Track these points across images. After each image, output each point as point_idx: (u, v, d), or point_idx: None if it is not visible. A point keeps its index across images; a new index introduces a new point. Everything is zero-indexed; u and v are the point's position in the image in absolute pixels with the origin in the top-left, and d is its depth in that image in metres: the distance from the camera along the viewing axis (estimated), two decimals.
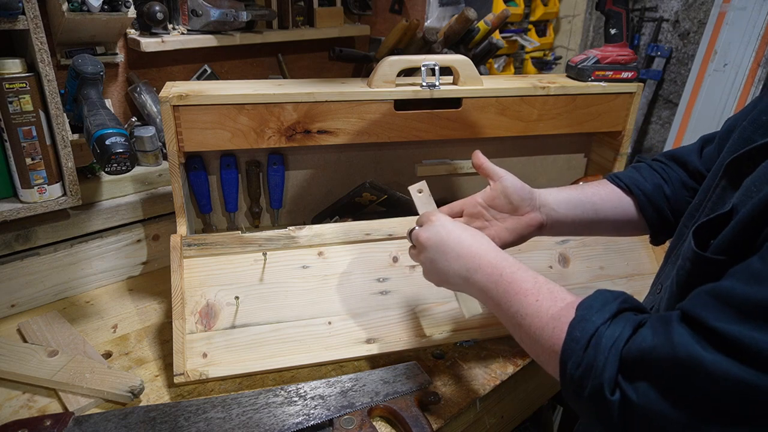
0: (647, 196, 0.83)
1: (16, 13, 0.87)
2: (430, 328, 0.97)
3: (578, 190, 0.86)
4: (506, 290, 0.65)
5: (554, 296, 0.61)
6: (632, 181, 0.85)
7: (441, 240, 0.73)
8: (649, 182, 0.84)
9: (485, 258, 0.69)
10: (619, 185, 0.86)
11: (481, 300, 0.71)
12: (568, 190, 0.86)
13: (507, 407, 1.00)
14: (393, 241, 1.05)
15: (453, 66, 1.10)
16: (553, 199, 0.84)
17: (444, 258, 0.72)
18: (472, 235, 0.72)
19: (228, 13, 1.23)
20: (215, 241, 0.98)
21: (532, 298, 0.62)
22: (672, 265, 0.71)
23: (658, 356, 0.49)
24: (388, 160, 1.24)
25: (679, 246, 0.71)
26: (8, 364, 0.88)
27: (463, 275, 0.70)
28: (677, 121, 2.19)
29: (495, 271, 0.67)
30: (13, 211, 0.97)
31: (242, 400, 0.82)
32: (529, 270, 0.66)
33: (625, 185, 0.85)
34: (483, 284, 0.68)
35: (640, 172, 0.86)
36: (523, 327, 0.62)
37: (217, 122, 0.99)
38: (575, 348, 0.54)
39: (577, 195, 0.85)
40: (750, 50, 1.95)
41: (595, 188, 0.86)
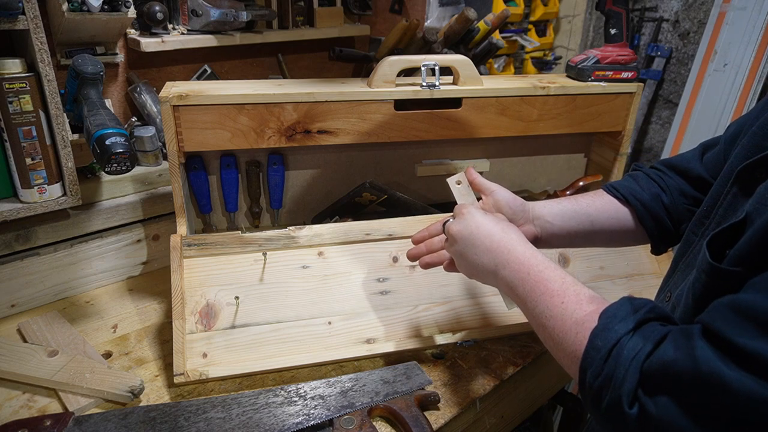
0: (645, 205, 0.82)
1: (16, 13, 0.87)
2: (430, 328, 0.97)
3: (573, 201, 0.86)
4: (533, 288, 0.64)
5: (580, 299, 0.60)
6: (629, 191, 0.84)
7: (471, 233, 0.73)
8: (646, 191, 0.83)
9: (514, 253, 0.69)
10: (615, 195, 0.85)
11: (508, 295, 0.71)
12: (562, 202, 0.85)
13: (507, 407, 1.00)
14: (393, 241, 1.05)
15: (453, 66, 1.10)
16: (547, 211, 0.84)
17: (474, 251, 0.72)
18: (502, 228, 0.72)
19: (228, 13, 1.23)
20: (215, 241, 0.98)
21: (558, 299, 0.61)
22: (681, 273, 0.70)
23: (679, 371, 0.48)
24: (388, 160, 1.24)
25: (688, 254, 0.70)
26: (8, 364, 0.88)
27: (492, 269, 0.70)
28: (677, 121, 2.19)
29: (523, 267, 0.67)
30: (13, 211, 0.97)
31: (242, 400, 0.82)
32: (557, 269, 0.65)
33: (621, 195, 0.84)
34: (510, 280, 0.68)
35: (637, 182, 0.85)
36: (547, 328, 0.61)
37: (217, 122, 0.99)
38: (595, 357, 0.53)
39: (572, 206, 0.84)
40: (750, 50, 1.95)
41: (590, 199, 0.86)
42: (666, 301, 0.70)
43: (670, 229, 0.83)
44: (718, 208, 0.64)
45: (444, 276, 1.02)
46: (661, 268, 1.13)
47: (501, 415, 0.99)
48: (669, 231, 0.83)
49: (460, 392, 0.88)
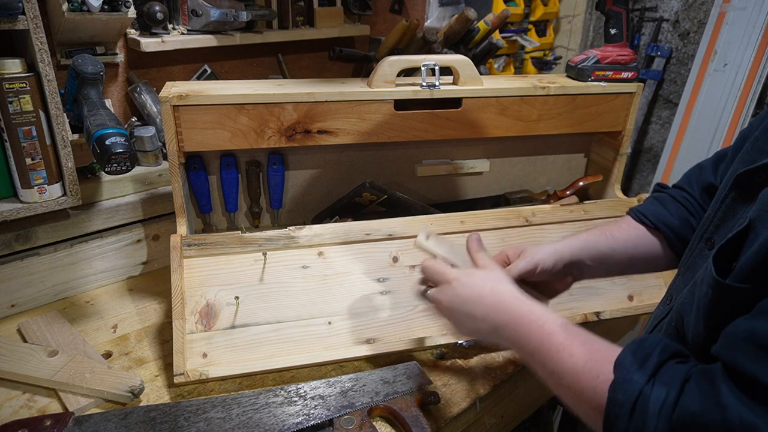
0: (675, 232, 0.80)
1: (16, 13, 0.87)
2: (430, 328, 0.97)
3: (606, 237, 0.82)
4: (538, 347, 0.62)
5: (589, 348, 0.58)
6: (658, 218, 0.82)
7: (463, 301, 0.70)
8: (675, 217, 0.81)
9: (510, 313, 0.66)
10: (644, 223, 0.83)
11: (515, 351, 0.68)
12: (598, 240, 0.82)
13: (507, 407, 1.00)
14: (393, 241, 1.05)
15: (453, 66, 1.10)
16: (585, 255, 0.80)
17: (471, 319, 0.70)
18: (491, 287, 0.69)
19: (228, 13, 1.23)
20: (215, 241, 0.98)
21: (566, 353, 0.58)
22: (681, 276, 0.70)
23: (708, 422, 0.46)
24: (388, 160, 1.24)
25: (688, 257, 0.69)
26: (8, 364, 0.88)
27: (492, 331, 0.68)
28: (677, 121, 2.19)
29: (523, 326, 0.64)
30: (13, 211, 0.97)
31: (242, 400, 0.82)
32: (557, 318, 0.63)
33: (651, 223, 0.82)
34: (513, 340, 0.65)
35: (664, 206, 0.83)
36: (563, 386, 0.59)
37: (217, 122, 0.99)
38: (620, 413, 0.51)
39: (607, 243, 0.81)
40: (750, 50, 1.95)
41: (621, 231, 0.83)
42: (667, 304, 0.70)
43: None
44: (717, 211, 0.64)
45: None
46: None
47: (501, 415, 0.99)
48: None
49: (460, 392, 0.88)
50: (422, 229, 0.86)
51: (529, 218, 1.13)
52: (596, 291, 1.08)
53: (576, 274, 0.81)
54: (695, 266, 0.67)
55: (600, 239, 0.82)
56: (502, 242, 1.08)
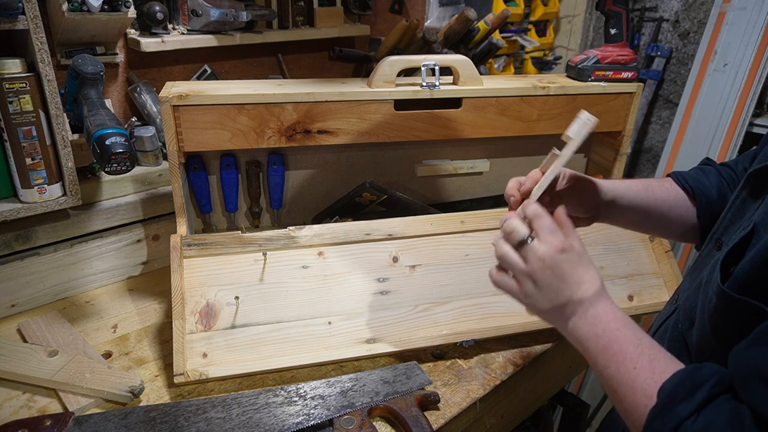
0: (709, 202, 0.79)
1: (16, 13, 0.87)
2: (430, 328, 0.97)
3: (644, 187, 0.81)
4: (605, 347, 0.59)
5: (653, 367, 0.55)
6: (697, 185, 0.80)
7: (561, 275, 0.63)
8: (714, 188, 0.79)
9: (593, 307, 0.62)
10: (684, 187, 0.81)
11: (577, 348, 0.64)
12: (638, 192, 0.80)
13: (507, 407, 1.00)
14: (393, 241, 1.05)
15: (453, 66, 1.10)
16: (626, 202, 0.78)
17: (555, 293, 0.63)
18: (591, 279, 0.63)
19: (228, 13, 1.23)
20: (215, 241, 0.98)
21: (630, 364, 0.56)
22: (689, 277, 0.69)
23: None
24: (388, 160, 1.24)
25: (699, 259, 0.69)
26: (8, 364, 0.88)
27: (567, 316, 0.63)
28: (677, 121, 2.19)
29: (598, 323, 0.61)
30: (13, 211, 0.97)
31: (242, 400, 0.82)
32: (635, 328, 0.59)
33: (690, 187, 0.81)
34: (583, 333, 0.62)
35: (707, 176, 0.82)
36: (618, 394, 0.57)
37: (217, 122, 0.99)
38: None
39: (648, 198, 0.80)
40: (750, 50, 1.95)
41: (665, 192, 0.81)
42: (674, 304, 0.70)
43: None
44: (728, 212, 0.63)
45: (444, 276, 1.03)
46: (661, 268, 1.13)
47: (501, 415, 0.99)
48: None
49: (460, 392, 0.88)
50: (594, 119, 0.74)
51: None
52: None
53: (604, 214, 0.78)
54: (703, 266, 0.66)
55: (641, 192, 0.79)
56: None
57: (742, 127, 2.01)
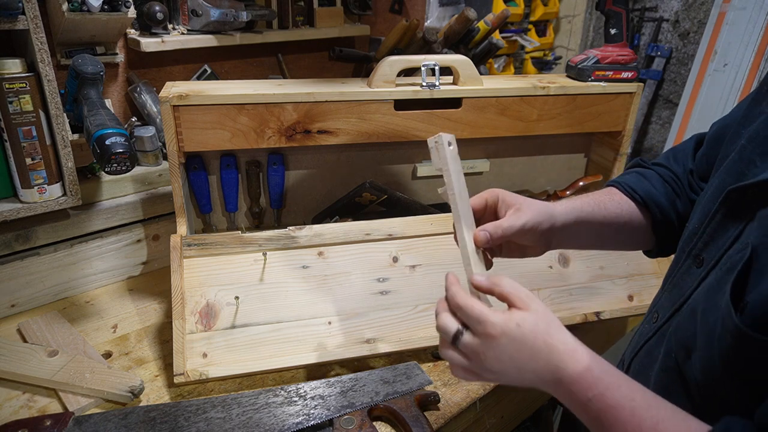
0: (662, 212, 0.76)
1: (16, 13, 0.87)
2: (430, 328, 0.97)
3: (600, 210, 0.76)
4: (599, 418, 0.53)
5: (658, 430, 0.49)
6: (647, 195, 0.77)
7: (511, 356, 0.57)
8: (664, 197, 0.77)
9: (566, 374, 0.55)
10: (634, 198, 0.78)
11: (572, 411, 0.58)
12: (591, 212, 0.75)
13: (507, 407, 1.00)
14: (393, 241, 1.05)
15: (453, 66, 1.10)
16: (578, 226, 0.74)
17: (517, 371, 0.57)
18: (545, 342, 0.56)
19: (228, 13, 1.23)
20: (215, 241, 0.98)
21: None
22: (668, 293, 0.67)
23: None
24: (388, 160, 1.24)
25: (675, 272, 0.66)
26: (8, 364, 0.88)
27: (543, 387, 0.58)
28: (677, 121, 2.19)
29: (580, 391, 0.54)
30: (13, 211, 0.97)
31: (242, 400, 0.82)
32: (621, 385, 0.53)
33: (640, 198, 0.77)
34: (569, 404, 0.56)
35: (651, 183, 0.78)
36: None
37: (217, 122, 0.99)
38: None
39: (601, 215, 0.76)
40: (750, 50, 1.95)
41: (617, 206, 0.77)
42: (653, 323, 0.67)
43: (677, 239, 0.73)
44: (706, 227, 0.61)
45: (444, 276, 1.03)
46: (661, 268, 1.13)
47: (501, 415, 0.99)
48: (676, 240, 0.73)
49: (460, 392, 0.88)
50: (449, 134, 0.67)
51: None
52: (596, 291, 1.08)
53: (556, 242, 0.73)
54: (683, 284, 0.63)
55: (594, 209, 0.75)
56: None
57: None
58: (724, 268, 0.55)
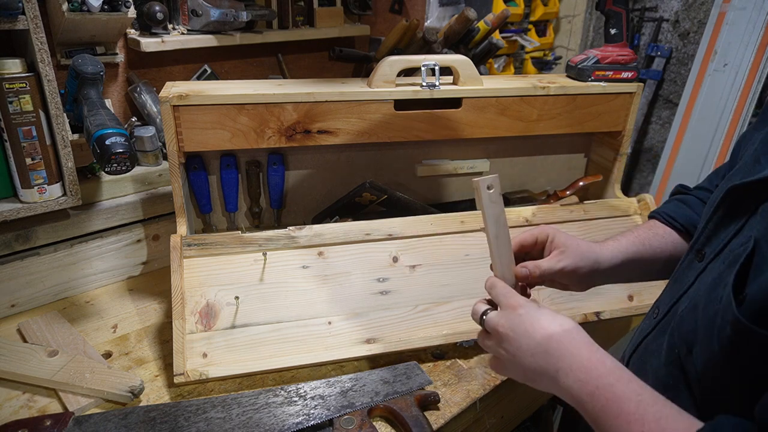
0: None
1: (16, 13, 0.87)
2: (430, 328, 0.97)
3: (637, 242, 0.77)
4: (604, 408, 0.53)
5: (662, 427, 0.50)
6: (687, 221, 0.78)
7: (527, 332, 0.61)
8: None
9: (577, 359, 0.57)
10: (674, 227, 0.79)
11: (575, 406, 0.59)
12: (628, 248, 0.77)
13: (507, 407, 1.00)
14: (393, 241, 1.05)
15: (453, 66, 1.10)
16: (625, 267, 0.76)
17: (530, 354, 0.60)
18: (561, 325, 0.60)
19: (228, 13, 1.23)
20: (215, 241, 0.98)
21: (636, 427, 0.50)
22: (669, 289, 0.67)
23: None
24: (388, 160, 1.24)
25: (680, 270, 0.67)
26: (8, 364, 0.88)
27: (552, 375, 0.59)
28: (677, 121, 2.19)
29: (590, 378, 0.56)
30: (13, 211, 0.97)
31: (242, 400, 0.82)
32: (631, 380, 0.55)
33: (681, 226, 0.78)
34: (576, 393, 0.57)
35: (691, 208, 0.79)
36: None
37: (217, 122, 0.99)
38: None
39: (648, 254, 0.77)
40: (750, 50, 1.95)
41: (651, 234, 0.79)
42: (654, 318, 0.68)
43: None
44: (708, 222, 0.62)
45: (444, 276, 1.03)
46: None
47: (501, 415, 0.99)
48: None
49: (460, 392, 0.88)
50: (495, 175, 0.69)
51: (529, 218, 1.13)
52: (596, 291, 1.07)
53: (600, 280, 0.77)
54: (683, 278, 0.64)
55: (640, 249, 0.77)
56: None
57: (742, 127, 2.01)
58: (726, 261, 0.56)
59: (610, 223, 1.18)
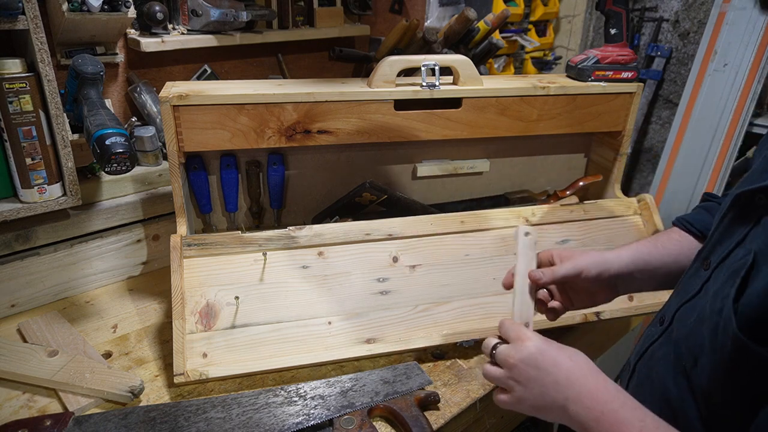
0: None
1: (16, 13, 0.87)
2: (430, 328, 0.97)
3: (653, 248, 0.79)
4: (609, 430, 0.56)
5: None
6: (704, 226, 0.79)
7: (536, 363, 0.63)
8: None
9: (585, 386, 0.60)
10: (691, 232, 0.80)
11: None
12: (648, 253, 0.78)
13: None
14: (393, 241, 1.05)
15: (453, 66, 1.10)
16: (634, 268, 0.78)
17: (540, 384, 0.62)
18: (569, 356, 0.63)
19: (228, 13, 1.23)
20: (215, 241, 0.98)
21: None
22: (675, 297, 0.67)
23: None
24: (388, 160, 1.24)
25: (686, 278, 0.67)
26: (8, 364, 0.88)
27: (561, 404, 0.61)
28: (677, 121, 2.19)
29: (596, 404, 0.58)
30: (13, 211, 0.97)
31: (242, 400, 0.82)
32: (636, 407, 0.57)
33: (697, 231, 0.79)
34: (583, 419, 0.59)
35: (711, 214, 0.80)
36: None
37: (217, 122, 0.99)
38: None
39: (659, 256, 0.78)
40: (750, 50, 1.95)
41: (671, 242, 0.80)
42: (659, 325, 0.68)
43: None
44: (715, 231, 0.62)
45: (444, 276, 1.03)
46: None
47: (501, 415, 0.99)
48: None
49: (460, 392, 0.88)
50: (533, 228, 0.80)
51: (529, 218, 1.13)
52: None
53: (622, 287, 0.78)
54: (689, 286, 0.64)
55: (652, 251, 0.78)
56: (502, 242, 1.08)
57: (742, 127, 2.01)
58: (728, 272, 0.55)
59: (610, 223, 1.18)
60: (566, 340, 1.04)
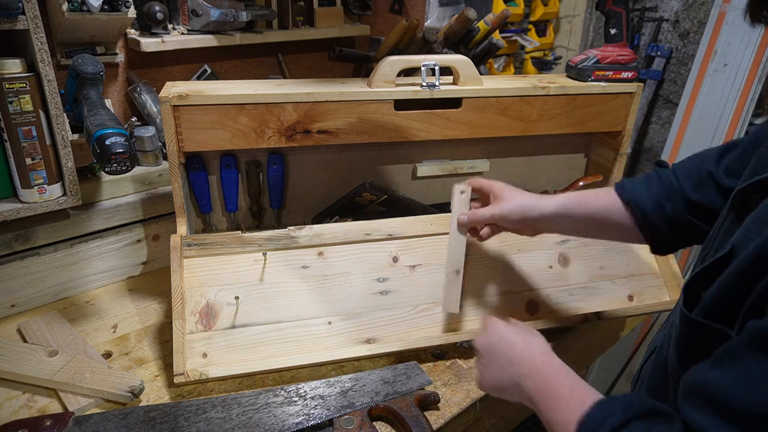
0: (644, 214, 0.81)
1: (16, 13, 0.87)
2: (430, 328, 0.97)
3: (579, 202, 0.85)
4: (548, 397, 0.62)
5: (584, 402, 0.56)
6: (633, 196, 0.82)
7: (494, 345, 0.72)
8: (650, 200, 0.81)
9: (533, 363, 0.66)
10: (620, 195, 0.84)
11: (531, 407, 0.66)
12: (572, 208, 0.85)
13: (507, 407, 1.00)
14: (393, 241, 1.05)
15: (453, 66, 1.10)
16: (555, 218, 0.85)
17: (497, 363, 0.70)
18: (524, 339, 0.70)
19: (228, 13, 1.23)
20: (215, 241, 0.98)
21: (565, 404, 0.59)
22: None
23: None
24: (388, 160, 1.24)
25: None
26: (8, 364, 0.88)
27: (515, 380, 0.67)
28: (677, 121, 2.19)
29: (540, 377, 0.64)
30: (13, 211, 0.97)
31: (242, 400, 0.82)
32: (570, 374, 0.63)
33: (624, 198, 0.83)
34: (532, 392, 0.64)
35: (648, 186, 0.83)
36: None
37: (217, 122, 0.99)
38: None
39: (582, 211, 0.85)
40: (750, 50, 1.95)
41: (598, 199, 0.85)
42: (664, 329, 0.69)
43: (668, 239, 0.81)
44: (718, 232, 0.62)
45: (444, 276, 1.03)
46: (661, 269, 1.13)
47: (501, 415, 0.99)
48: (667, 240, 0.81)
49: (460, 392, 0.88)
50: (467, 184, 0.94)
51: None
52: (596, 291, 1.08)
53: (544, 229, 0.88)
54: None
55: (576, 207, 0.85)
56: (502, 242, 1.08)
57: (742, 127, 2.01)
58: None
59: None
60: (566, 340, 1.04)
